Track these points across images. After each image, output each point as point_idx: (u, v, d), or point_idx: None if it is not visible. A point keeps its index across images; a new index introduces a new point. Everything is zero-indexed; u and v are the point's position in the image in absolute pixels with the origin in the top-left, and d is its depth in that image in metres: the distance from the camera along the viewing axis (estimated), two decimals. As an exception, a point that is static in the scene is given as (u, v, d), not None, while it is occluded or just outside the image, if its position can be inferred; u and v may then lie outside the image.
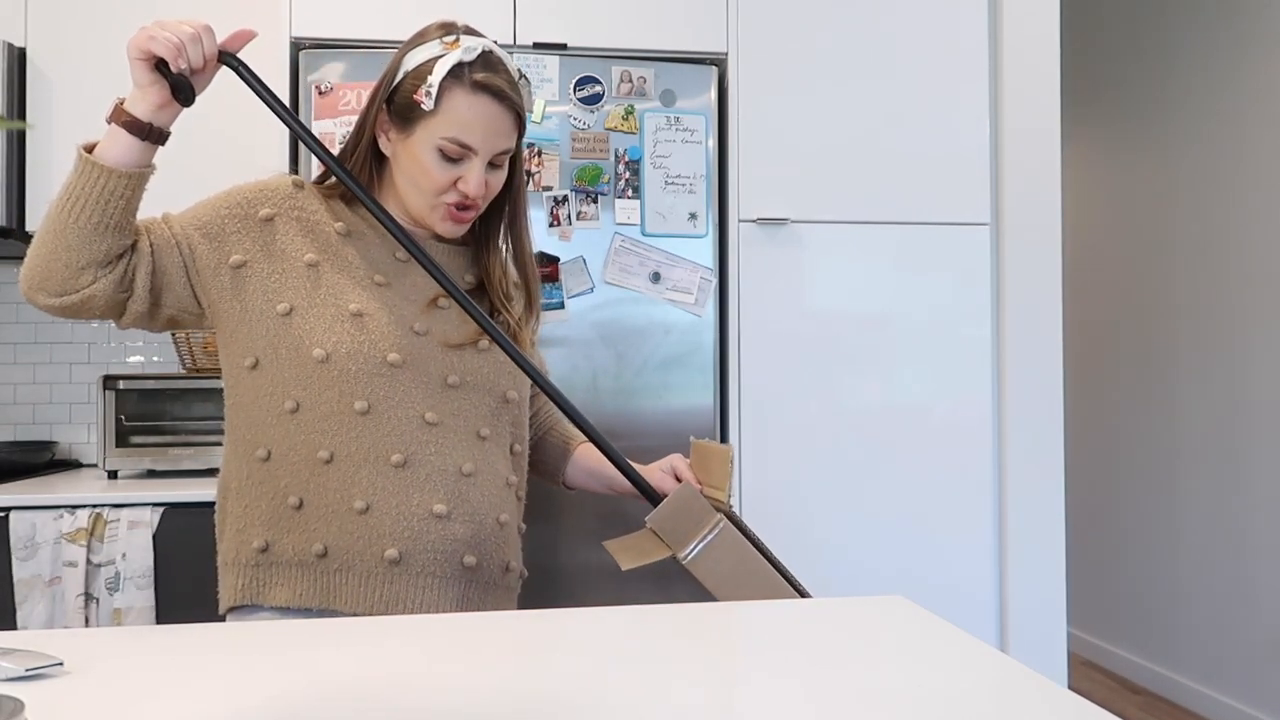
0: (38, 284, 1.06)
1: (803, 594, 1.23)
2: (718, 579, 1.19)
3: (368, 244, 1.18)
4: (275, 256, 1.14)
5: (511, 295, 1.27)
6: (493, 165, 1.18)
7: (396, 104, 1.16)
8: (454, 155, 1.14)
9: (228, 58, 1.11)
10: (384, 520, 1.11)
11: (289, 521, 1.12)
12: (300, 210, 1.17)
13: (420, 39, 1.17)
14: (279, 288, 1.13)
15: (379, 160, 1.21)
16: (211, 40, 1.08)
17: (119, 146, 1.05)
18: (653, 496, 1.25)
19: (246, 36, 1.13)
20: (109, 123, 1.06)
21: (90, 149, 1.06)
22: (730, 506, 1.26)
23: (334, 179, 1.20)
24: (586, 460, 1.38)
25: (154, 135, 1.07)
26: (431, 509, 1.13)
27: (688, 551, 1.19)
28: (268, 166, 2.04)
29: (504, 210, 1.25)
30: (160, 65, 1.05)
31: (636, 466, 1.29)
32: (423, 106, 1.13)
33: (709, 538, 1.19)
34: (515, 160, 1.23)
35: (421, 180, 1.15)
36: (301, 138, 1.16)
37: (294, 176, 1.21)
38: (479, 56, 1.14)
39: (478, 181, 1.15)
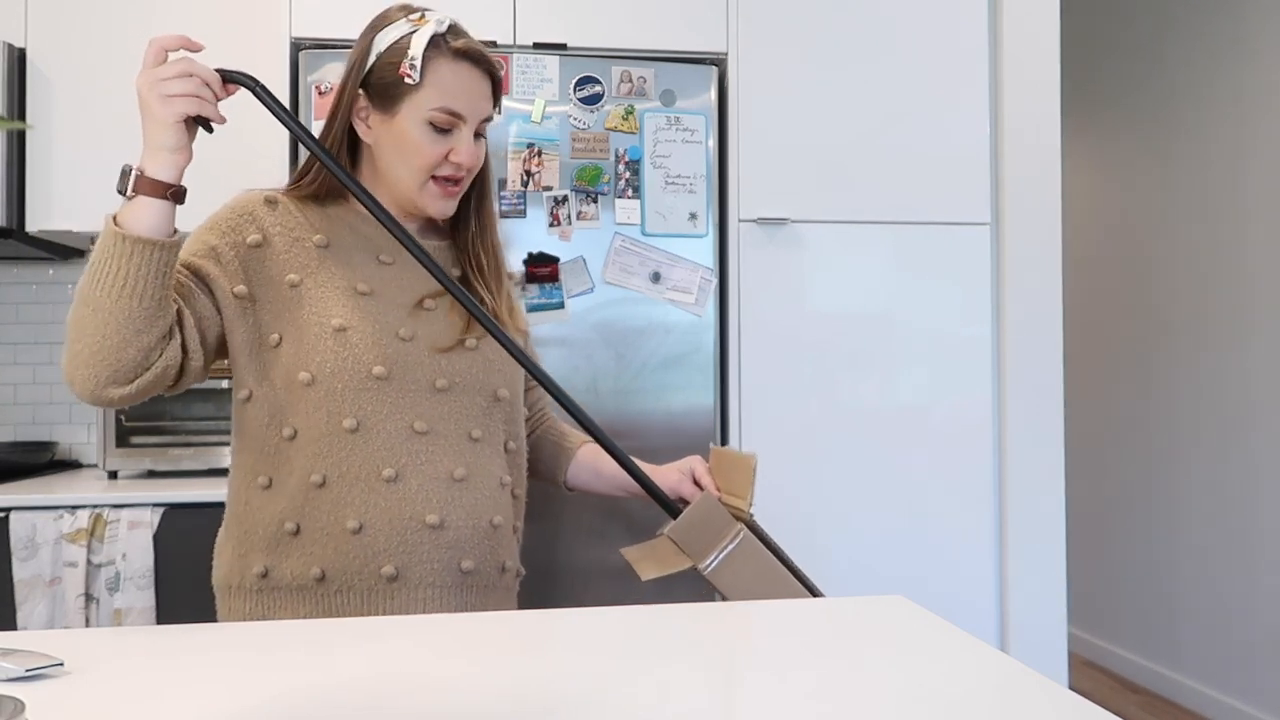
0: (109, 379, 1.00)
1: None
2: (738, 589, 1.18)
3: (349, 252, 1.17)
4: (265, 284, 1.13)
5: (500, 281, 1.26)
6: (476, 135, 1.18)
7: (375, 86, 1.15)
8: (444, 125, 1.14)
9: (234, 75, 1.07)
10: (378, 538, 1.11)
11: (287, 546, 1.11)
12: (280, 227, 1.15)
13: (383, 22, 1.17)
14: (271, 319, 1.13)
15: (352, 154, 1.20)
16: (206, 70, 1.02)
17: (157, 217, 1.00)
18: (671, 508, 1.24)
19: (193, 45, 1.05)
20: (132, 194, 1.00)
21: (118, 226, 0.99)
22: (751, 515, 1.24)
23: (305, 179, 1.19)
24: (593, 460, 1.36)
25: (183, 194, 1.03)
26: (424, 520, 1.12)
27: (708, 562, 1.18)
28: (268, 165, 2.04)
29: (472, 192, 1.25)
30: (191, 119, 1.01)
31: (648, 468, 1.27)
32: (407, 81, 1.13)
33: (729, 548, 1.18)
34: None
35: (413, 158, 1.15)
36: (308, 144, 1.13)
37: (265, 192, 1.18)
38: (449, 27, 1.15)
39: (469, 150, 1.16)
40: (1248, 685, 2.96)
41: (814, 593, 1.22)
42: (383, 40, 1.15)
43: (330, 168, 1.13)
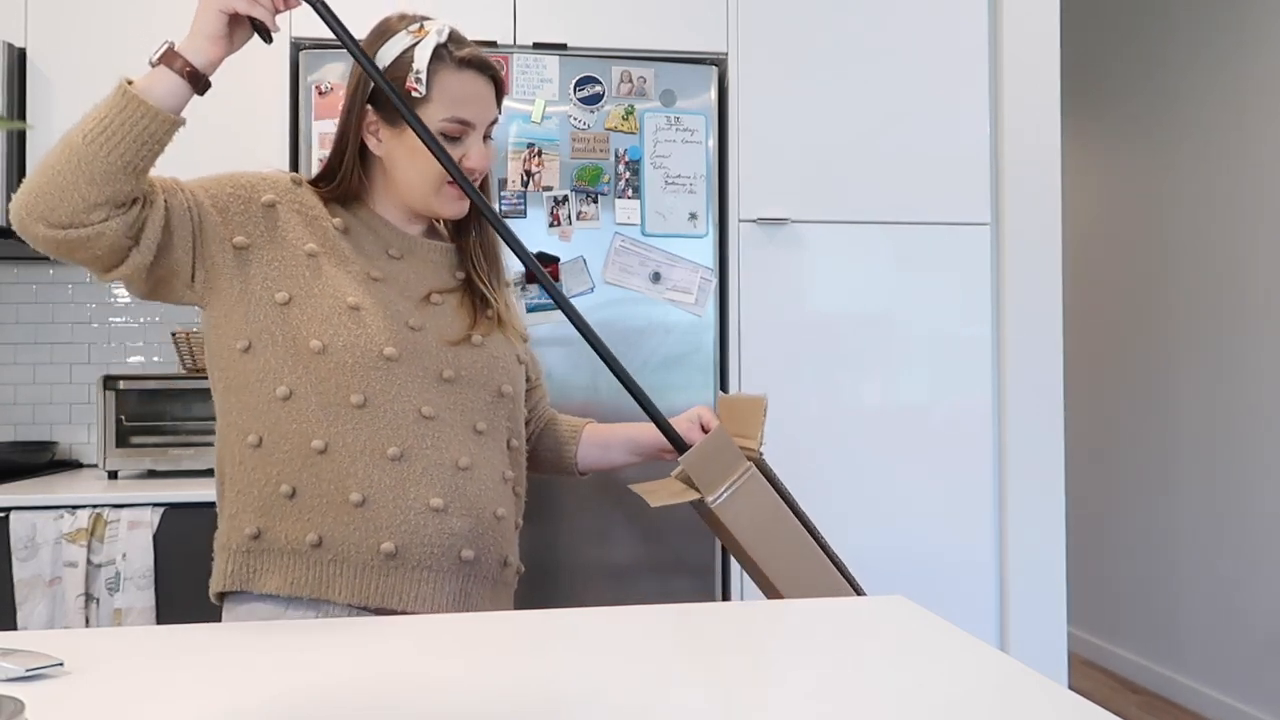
0: (41, 213, 0.99)
1: (827, 550, 1.24)
2: (743, 526, 1.20)
3: (363, 241, 1.19)
4: (277, 243, 1.14)
5: (500, 282, 1.28)
6: (485, 137, 1.21)
7: (384, 101, 1.16)
8: (455, 134, 1.17)
9: None
10: (380, 513, 1.11)
11: (281, 509, 1.12)
12: (300, 203, 1.17)
13: (382, 36, 1.18)
14: (279, 275, 1.13)
15: (364, 164, 1.21)
16: None
17: (166, 89, 1.02)
18: (680, 444, 1.26)
19: None
20: (156, 62, 1.03)
21: (129, 83, 1.03)
22: (761, 455, 1.26)
23: (328, 183, 1.20)
24: (599, 434, 1.40)
25: (203, 85, 1.06)
26: (429, 502, 1.13)
27: (716, 496, 1.19)
28: (268, 164, 2.04)
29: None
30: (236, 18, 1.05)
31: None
32: (415, 95, 1.14)
33: (738, 484, 1.20)
34: None
35: (427, 169, 1.17)
36: (365, 66, 1.13)
37: (292, 174, 1.21)
38: (450, 35, 1.17)
39: (480, 154, 1.19)
40: (1248, 685, 2.96)
41: (815, 534, 1.23)
42: (385, 55, 1.17)
43: (386, 89, 1.13)
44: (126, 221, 1.03)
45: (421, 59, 1.14)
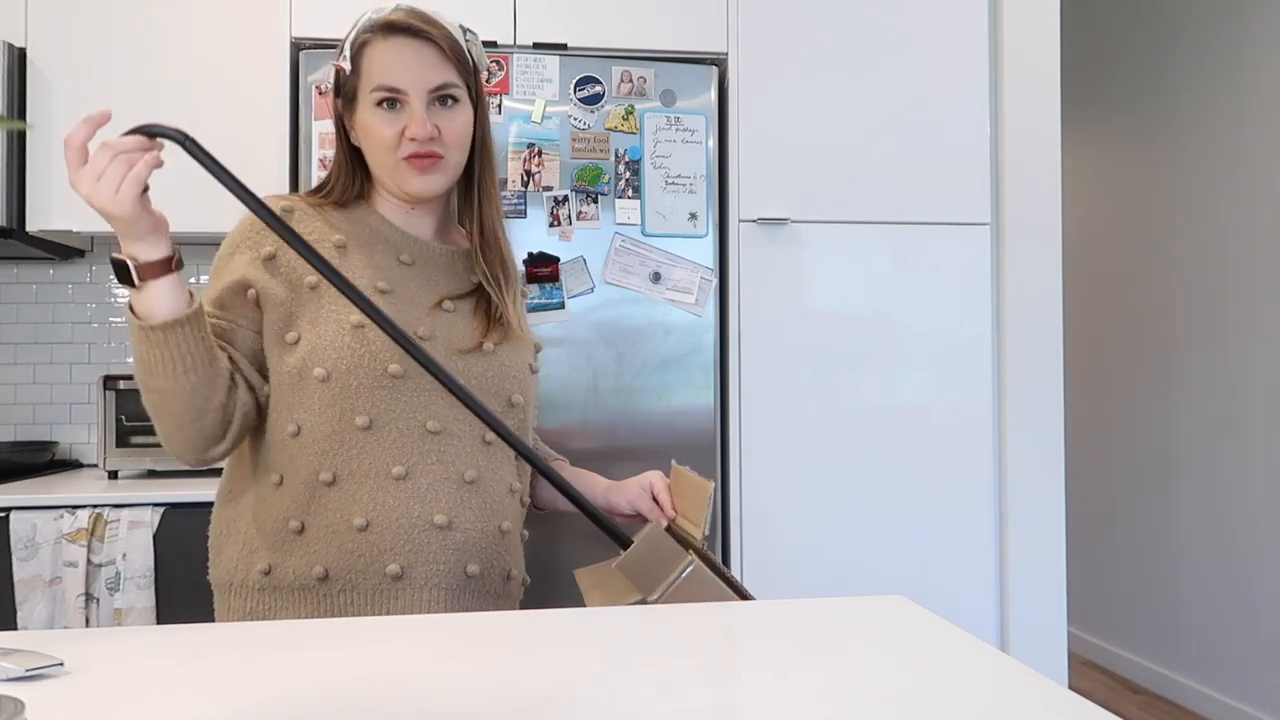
0: (202, 445, 1.10)
1: None
2: None
3: (370, 252, 1.17)
4: (283, 288, 1.13)
5: (514, 290, 1.26)
6: (441, 105, 1.15)
7: (341, 91, 1.18)
8: (388, 102, 1.14)
9: (157, 130, 1.00)
10: (384, 536, 1.10)
11: (290, 545, 1.11)
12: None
13: (348, 32, 1.18)
14: (288, 317, 1.13)
15: (360, 159, 1.20)
16: (125, 142, 0.97)
17: (170, 294, 1.01)
18: (620, 539, 1.22)
19: (98, 120, 0.99)
20: (139, 283, 1.00)
21: (140, 318, 1.01)
22: (704, 544, 1.22)
23: (324, 192, 1.21)
24: (565, 475, 1.37)
25: (177, 261, 1.04)
26: (432, 520, 1.12)
27: (656, 595, 1.16)
28: (267, 168, 2.04)
29: (476, 195, 1.25)
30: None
31: (608, 483, 1.30)
32: (345, 72, 1.15)
33: (679, 579, 1.16)
34: (477, 115, 1.20)
35: (375, 143, 1.15)
36: (242, 197, 1.05)
37: (281, 200, 1.17)
38: (391, 10, 1.16)
39: (420, 121, 1.13)
40: (1248, 685, 2.96)
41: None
42: (344, 46, 1.18)
43: (269, 222, 1.07)
44: (244, 386, 1.12)
45: (349, 36, 1.15)
